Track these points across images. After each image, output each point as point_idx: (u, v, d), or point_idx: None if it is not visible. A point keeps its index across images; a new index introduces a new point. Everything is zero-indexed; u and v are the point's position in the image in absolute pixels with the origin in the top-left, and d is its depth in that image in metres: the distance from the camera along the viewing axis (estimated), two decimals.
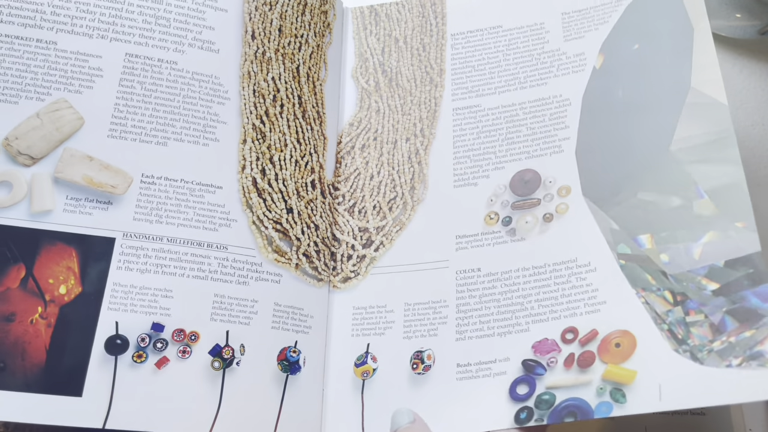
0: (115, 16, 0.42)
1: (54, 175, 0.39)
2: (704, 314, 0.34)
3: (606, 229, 0.39)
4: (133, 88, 0.41)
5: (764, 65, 0.51)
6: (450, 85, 0.47)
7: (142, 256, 0.38)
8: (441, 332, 0.40)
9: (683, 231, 0.36)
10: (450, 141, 0.46)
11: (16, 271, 0.37)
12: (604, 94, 0.43)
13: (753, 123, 0.50)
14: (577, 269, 0.39)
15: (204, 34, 0.44)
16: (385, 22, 0.50)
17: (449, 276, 0.42)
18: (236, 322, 0.39)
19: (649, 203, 0.38)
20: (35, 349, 0.35)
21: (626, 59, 0.43)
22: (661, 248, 0.37)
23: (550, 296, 0.39)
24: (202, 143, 0.41)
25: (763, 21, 0.50)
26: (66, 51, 0.41)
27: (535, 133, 0.44)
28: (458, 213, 0.43)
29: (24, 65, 0.40)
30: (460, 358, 0.39)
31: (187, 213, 0.40)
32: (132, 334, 0.37)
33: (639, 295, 0.36)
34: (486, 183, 0.44)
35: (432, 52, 0.49)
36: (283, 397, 0.38)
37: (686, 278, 0.35)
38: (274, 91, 0.44)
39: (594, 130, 0.42)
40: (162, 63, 0.42)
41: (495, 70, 0.47)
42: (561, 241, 0.40)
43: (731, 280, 0.34)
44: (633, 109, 0.42)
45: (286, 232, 0.42)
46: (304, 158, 0.44)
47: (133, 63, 0.42)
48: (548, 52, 0.47)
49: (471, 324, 0.40)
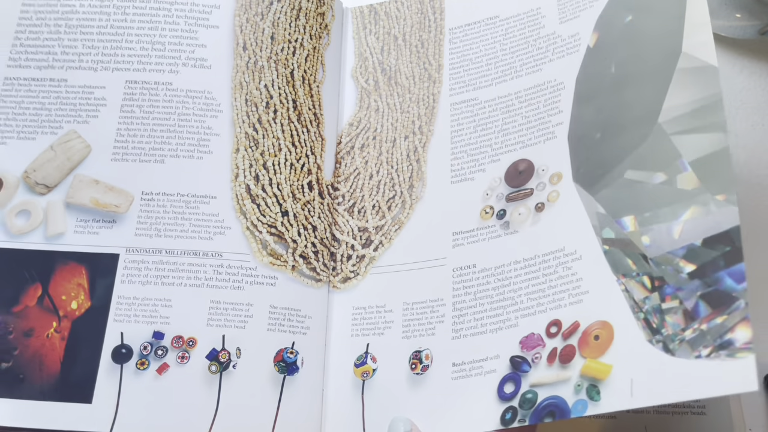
0: (116, 47, 0.45)
1: (66, 200, 0.42)
2: (679, 299, 0.31)
3: (593, 214, 0.36)
4: (133, 113, 0.44)
5: (764, 65, 0.50)
6: (448, 80, 0.46)
7: (143, 269, 0.40)
8: (438, 331, 0.39)
9: (666, 209, 0.33)
10: (448, 137, 0.44)
11: (34, 290, 0.40)
12: (597, 72, 0.40)
13: (753, 123, 0.49)
14: (564, 258, 0.36)
15: (197, 53, 0.45)
16: (384, 21, 0.50)
17: (446, 274, 0.40)
18: (232, 326, 0.40)
19: (635, 182, 0.35)
20: (51, 360, 0.39)
21: (619, 33, 0.40)
22: (643, 230, 0.34)
23: (538, 288, 0.36)
24: (196, 156, 0.43)
25: (763, 21, 0.50)
26: (74, 86, 0.44)
27: (530, 121, 0.41)
28: (455, 209, 0.42)
29: (40, 104, 0.44)
30: (456, 357, 0.38)
31: (183, 225, 0.42)
32: (135, 343, 0.39)
33: (619, 282, 0.33)
34: (482, 177, 0.42)
35: (430, 48, 0.48)
36: (281, 398, 0.39)
37: (665, 261, 0.32)
38: (267, 98, 0.45)
39: (586, 110, 0.39)
40: (158, 85, 0.44)
41: (492, 61, 0.45)
42: (551, 230, 0.38)
43: (707, 261, 0.31)
44: (624, 84, 0.38)
45: (282, 235, 0.42)
46: (299, 161, 0.45)
47: (133, 89, 0.44)
48: (543, 37, 0.44)
49: (466, 322, 0.38)
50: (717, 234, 0.31)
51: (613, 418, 0.41)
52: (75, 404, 0.38)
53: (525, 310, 0.36)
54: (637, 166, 0.35)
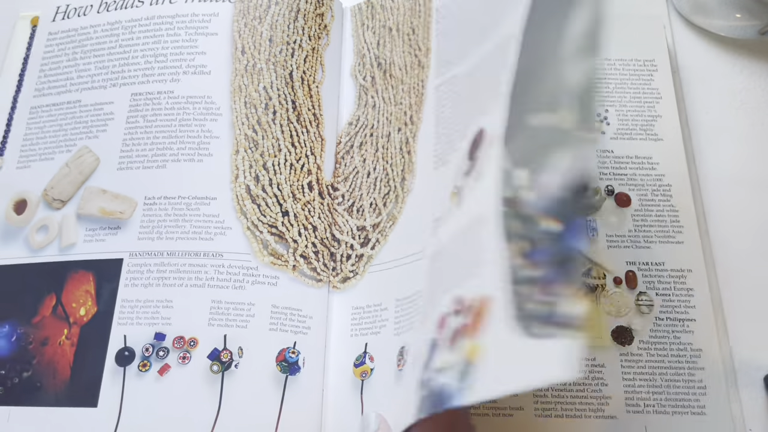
0: (123, 65, 0.47)
1: (77, 212, 0.43)
2: (537, 266, 0.26)
3: (504, 172, 0.31)
4: (137, 122, 0.45)
5: (764, 65, 0.51)
6: (434, 62, 0.44)
7: (145, 271, 0.41)
8: (418, 325, 0.37)
9: (549, 156, 0.27)
10: (433, 122, 0.42)
11: (50, 301, 0.41)
12: (541, 20, 0.35)
13: (753, 123, 0.49)
14: (477, 227, 0.32)
15: (196, 60, 0.46)
16: (380, 14, 0.49)
17: (426, 264, 0.38)
18: (233, 326, 0.39)
19: (532, 129, 0.30)
20: (62, 367, 0.40)
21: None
22: (532, 184, 0.28)
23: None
24: (197, 160, 0.43)
25: (763, 21, 0.50)
26: (87, 105, 0.46)
27: (490, 86, 0.38)
28: (436, 196, 0.39)
29: (58, 126, 0.46)
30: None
31: (184, 227, 0.42)
32: (137, 345, 0.39)
33: (503, 249, 0.28)
34: (456, 157, 0.39)
35: (420, 33, 0.46)
36: (283, 397, 0.38)
37: (535, 219, 0.27)
38: (266, 99, 0.45)
39: (523, 62, 0.35)
40: (161, 95, 0.45)
41: (467, 32, 0.42)
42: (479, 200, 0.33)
43: (570, 218, 0.25)
44: (540, 26, 0.33)
45: (282, 235, 0.42)
46: (299, 161, 0.44)
47: (137, 101, 0.46)
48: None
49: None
50: (581, 184, 0.25)
51: (614, 418, 0.39)
52: (82, 409, 0.38)
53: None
54: (535, 109, 0.30)
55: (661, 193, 0.45)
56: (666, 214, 0.44)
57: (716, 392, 0.39)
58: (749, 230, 0.45)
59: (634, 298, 0.41)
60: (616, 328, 0.41)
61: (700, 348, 0.40)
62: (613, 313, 0.41)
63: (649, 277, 0.42)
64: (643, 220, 0.44)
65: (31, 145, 0.46)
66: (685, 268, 0.42)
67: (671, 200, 0.44)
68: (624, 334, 0.41)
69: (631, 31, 0.50)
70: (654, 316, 0.41)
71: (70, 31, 0.49)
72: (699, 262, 0.43)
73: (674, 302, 0.41)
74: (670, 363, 0.40)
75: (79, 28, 0.49)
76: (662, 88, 0.48)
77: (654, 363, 0.40)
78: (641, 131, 0.47)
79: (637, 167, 0.45)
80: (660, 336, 0.41)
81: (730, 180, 0.46)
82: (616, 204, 0.44)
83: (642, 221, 0.44)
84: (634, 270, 0.42)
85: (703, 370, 0.40)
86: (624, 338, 0.40)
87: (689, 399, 0.39)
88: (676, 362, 0.40)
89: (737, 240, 0.44)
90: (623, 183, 0.45)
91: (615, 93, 0.48)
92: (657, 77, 0.48)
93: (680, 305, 0.41)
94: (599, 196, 0.44)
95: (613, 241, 0.43)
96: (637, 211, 0.44)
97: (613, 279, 0.42)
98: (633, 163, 0.46)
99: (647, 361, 0.40)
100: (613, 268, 0.42)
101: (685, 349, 0.40)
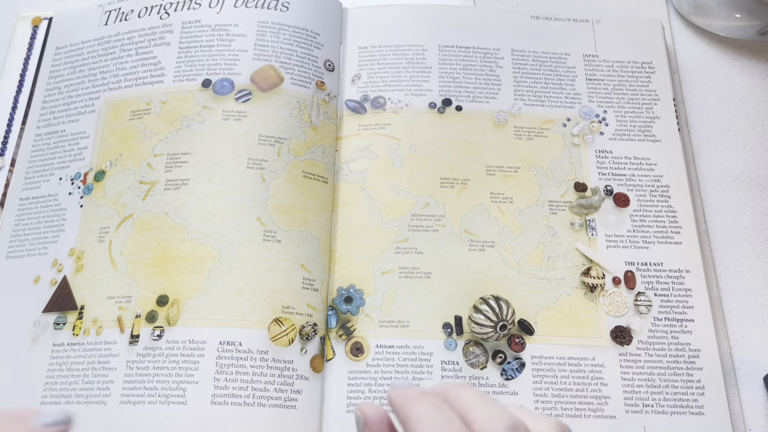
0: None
1: None
2: None
3: None
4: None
5: (764, 65, 0.51)
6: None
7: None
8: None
9: None
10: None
11: None
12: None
13: (753, 123, 0.49)
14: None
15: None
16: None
17: None
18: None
19: None
20: None
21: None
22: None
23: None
24: None
25: (763, 21, 0.50)
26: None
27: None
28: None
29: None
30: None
31: None
32: None
33: None
34: None
35: None
36: None
37: None
38: None
39: None
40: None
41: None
42: None
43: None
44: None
45: None
46: None
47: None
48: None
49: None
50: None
51: (613, 418, 0.39)
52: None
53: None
54: None
55: (659, 193, 0.45)
56: (664, 214, 0.44)
57: (715, 392, 0.39)
58: (748, 230, 0.45)
59: (632, 299, 0.42)
60: (615, 328, 0.41)
61: (698, 348, 0.40)
62: (612, 313, 0.41)
63: (648, 277, 0.42)
64: (642, 221, 0.44)
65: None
66: (683, 269, 0.42)
67: (669, 201, 0.44)
68: (623, 334, 0.41)
69: (629, 33, 0.50)
70: (653, 316, 0.41)
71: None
72: (697, 263, 0.43)
73: (673, 302, 0.41)
74: (669, 363, 0.40)
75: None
76: (660, 90, 0.48)
77: (653, 363, 0.40)
78: (639, 132, 0.47)
79: (636, 168, 0.45)
80: (659, 336, 0.41)
81: (729, 180, 0.46)
82: (614, 204, 0.44)
83: (641, 221, 0.44)
84: (632, 270, 0.42)
85: (702, 370, 0.40)
86: (623, 338, 0.40)
87: (688, 399, 0.39)
88: (675, 362, 0.40)
89: (736, 240, 0.44)
90: (622, 183, 0.45)
91: (613, 94, 0.48)
92: (655, 79, 0.48)
93: (679, 305, 0.41)
94: (598, 196, 0.44)
95: (611, 241, 0.43)
96: (636, 212, 0.44)
97: (612, 279, 0.42)
98: (632, 164, 0.46)
99: (646, 361, 0.40)
100: (611, 268, 0.42)
101: (683, 349, 0.40)
